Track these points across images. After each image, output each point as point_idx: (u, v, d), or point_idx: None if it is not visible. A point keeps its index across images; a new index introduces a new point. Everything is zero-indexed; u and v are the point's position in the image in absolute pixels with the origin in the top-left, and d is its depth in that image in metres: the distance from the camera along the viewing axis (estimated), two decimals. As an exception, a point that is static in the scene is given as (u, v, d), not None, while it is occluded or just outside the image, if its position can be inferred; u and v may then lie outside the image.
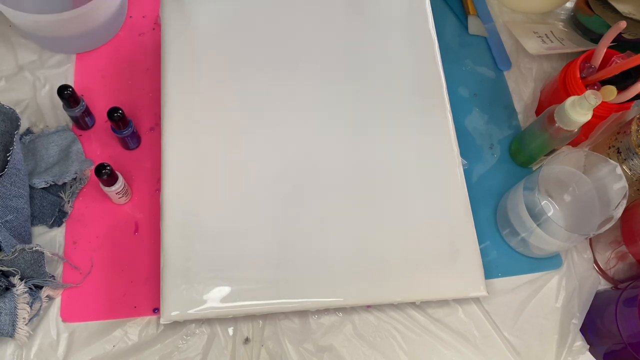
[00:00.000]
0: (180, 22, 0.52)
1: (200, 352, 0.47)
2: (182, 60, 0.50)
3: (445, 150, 0.50)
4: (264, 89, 0.51)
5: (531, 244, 0.50)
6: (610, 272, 0.53)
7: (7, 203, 0.46)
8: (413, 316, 0.50)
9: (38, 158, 0.51)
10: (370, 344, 0.48)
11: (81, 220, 0.50)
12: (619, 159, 0.52)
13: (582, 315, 0.51)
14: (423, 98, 0.52)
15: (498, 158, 0.57)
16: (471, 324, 0.50)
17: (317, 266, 0.45)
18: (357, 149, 0.49)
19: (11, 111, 0.48)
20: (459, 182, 0.49)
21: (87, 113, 0.52)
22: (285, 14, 0.54)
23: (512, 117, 0.59)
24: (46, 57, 0.57)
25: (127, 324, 0.47)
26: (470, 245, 0.48)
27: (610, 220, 0.45)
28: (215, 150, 0.48)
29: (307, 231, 0.46)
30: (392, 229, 0.47)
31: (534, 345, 0.50)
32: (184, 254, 0.44)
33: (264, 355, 0.47)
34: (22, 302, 0.44)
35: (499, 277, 0.52)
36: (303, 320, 0.49)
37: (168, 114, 0.48)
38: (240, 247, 0.45)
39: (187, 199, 0.46)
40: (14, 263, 0.44)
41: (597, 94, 0.45)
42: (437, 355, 0.49)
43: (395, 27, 0.55)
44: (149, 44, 0.58)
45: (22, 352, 0.45)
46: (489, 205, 0.55)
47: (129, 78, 0.56)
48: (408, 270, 0.46)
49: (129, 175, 0.52)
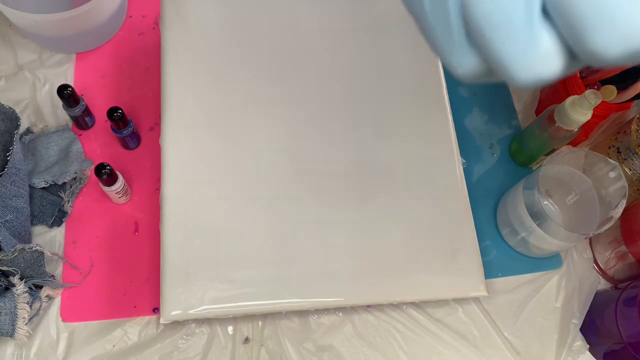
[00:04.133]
0: (180, 22, 0.52)
1: (200, 351, 0.47)
2: (182, 60, 0.50)
3: (445, 150, 0.50)
4: (264, 89, 0.51)
5: (531, 243, 0.50)
6: (610, 272, 0.53)
7: (6, 203, 0.46)
8: (413, 316, 0.50)
9: (38, 158, 0.51)
10: (370, 344, 0.48)
11: (81, 220, 0.50)
12: (619, 159, 0.52)
13: (582, 315, 0.51)
14: (423, 98, 0.52)
15: (498, 158, 0.57)
16: (471, 324, 0.50)
17: (317, 266, 0.45)
18: (357, 148, 0.49)
19: (11, 111, 0.48)
20: (459, 182, 0.49)
21: (87, 113, 0.52)
22: (285, 13, 0.53)
23: (512, 116, 0.59)
24: (46, 57, 0.57)
25: (127, 324, 0.47)
26: (470, 245, 0.48)
27: (610, 220, 0.45)
28: (216, 149, 0.48)
29: (307, 231, 0.46)
30: (392, 229, 0.47)
31: (534, 345, 0.50)
32: (184, 253, 0.44)
33: (264, 355, 0.47)
34: (22, 301, 0.44)
35: (499, 277, 0.52)
36: (303, 320, 0.49)
37: (168, 114, 0.48)
38: (241, 247, 0.45)
39: (187, 198, 0.46)
40: (14, 263, 0.44)
41: (597, 93, 0.45)
42: (437, 355, 0.49)
43: (395, 27, 0.55)
44: (149, 43, 0.58)
45: (21, 351, 0.45)
46: (489, 205, 0.55)
47: (128, 78, 0.56)
48: (408, 270, 0.46)
49: (129, 175, 0.52)
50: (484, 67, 0.21)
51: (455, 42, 0.21)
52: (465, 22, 0.20)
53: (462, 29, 0.21)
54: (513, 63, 0.19)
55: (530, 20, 0.19)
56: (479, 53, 0.21)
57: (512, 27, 0.19)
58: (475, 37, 0.20)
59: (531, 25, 0.19)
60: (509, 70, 0.20)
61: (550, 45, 0.19)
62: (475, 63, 0.21)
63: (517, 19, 0.19)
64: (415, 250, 0.47)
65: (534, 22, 0.19)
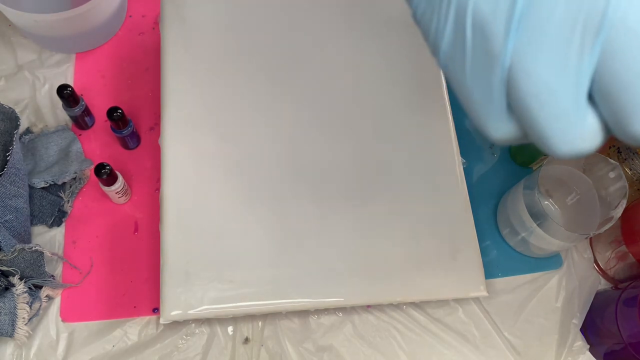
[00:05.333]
0: (180, 22, 0.52)
1: (200, 351, 0.47)
2: (182, 60, 0.50)
3: (445, 150, 0.50)
4: (265, 89, 0.50)
5: (531, 243, 0.50)
6: (611, 272, 0.53)
7: (6, 202, 0.46)
8: (413, 316, 0.49)
9: (37, 157, 0.51)
10: (370, 344, 0.48)
11: (81, 220, 0.50)
12: (619, 159, 0.52)
13: (582, 315, 0.51)
14: (423, 98, 0.52)
15: (498, 158, 0.57)
16: (471, 324, 0.50)
17: (317, 266, 0.45)
18: (357, 148, 0.49)
19: (11, 110, 0.48)
20: (459, 182, 0.49)
21: (86, 112, 0.52)
22: (286, 13, 0.53)
23: (512, 116, 0.59)
24: (46, 57, 0.56)
25: (126, 324, 0.47)
26: (470, 245, 0.48)
27: (610, 220, 0.45)
28: (216, 149, 0.48)
29: (307, 231, 0.46)
30: (392, 229, 0.47)
31: (534, 345, 0.50)
32: (184, 253, 0.44)
33: (264, 355, 0.47)
34: (21, 301, 0.44)
35: (499, 277, 0.52)
36: (303, 320, 0.49)
37: (168, 114, 0.48)
38: (241, 247, 0.45)
39: (187, 198, 0.46)
40: (14, 263, 0.44)
41: (597, 93, 0.45)
42: (437, 355, 0.49)
43: (395, 26, 0.55)
44: (149, 43, 0.58)
45: (21, 351, 0.45)
46: (489, 205, 0.55)
47: (128, 78, 0.56)
48: (408, 270, 0.46)
49: (129, 175, 0.52)
50: (521, 134, 0.22)
51: (494, 110, 0.21)
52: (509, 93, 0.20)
53: (503, 99, 0.21)
54: (556, 139, 0.20)
55: (577, 103, 0.19)
56: (518, 122, 0.21)
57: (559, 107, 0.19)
58: (518, 109, 0.20)
59: (578, 107, 0.19)
60: (550, 144, 0.20)
61: (593, 126, 0.20)
62: (514, 131, 0.22)
63: (565, 100, 0.19)
64: (415, 250, 0.47)
65: (580, 104, 0.19)
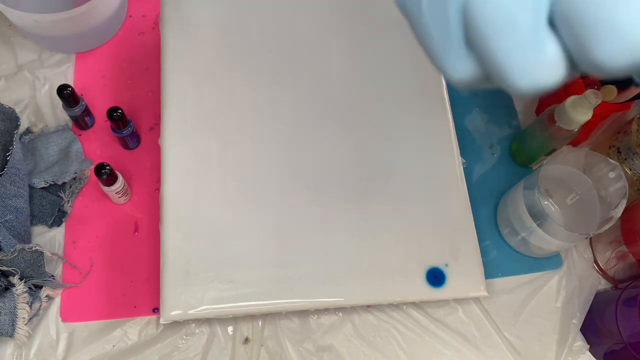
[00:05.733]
0: (180, 22, 0.52)
1: (200, 351, 0.47)
2: (182, 60, 0.50)
3: (445, 150, 0.50)
4: (264, 89, 0.50)
5: (531, 243, 0.50)
6: (610, 272, 0.53)
7: (6, 202, 0.46)
8: (413, 316, 0.49)
9: (37, 157, 0.51)
10: (370, 344, 0.48)
11: (81, 220, 0.50)
12: (619, 159, 0.52)
13: (582, 315, 0.51)
14: (423, 98, 0.52)
15: (498, 158, 0.57)
16: (471, 324, 0.50)
17: (317, 266, 0.45)
18: (357, 148, 0.49)
19: (11, 110, 0.48)
20: (459, 182, 0.49)
21: (86, 113, 0.52)
22: (285, 14, 0.53)
23: (513, 116, 0.59)
24: (46, 57, 0.56)
25: (126, 324, 0.47)
26: (470, 245, 0.48)
27: (610, 220, 0.45)
28: (215, 149, 0.48)
29: (307, 231, 0.46)
30: (392, 229, 0.47)
31: (534, 345, 0.50)
32: (184, 253, 0.44)
33: (264, 355, 0.47)
34: (21, 301, 0.44)
35: (499, 277, 0.52)
36: (303, 320, 0.49)
37: (168, 114, 0.48)
38: (240, 247, 0.45)
39: (186, 198, 0.46)
40: (14, 263, 0.44)
41: (597, 93, 0.45)
42: (437, 355, 0.49)
43: (395, 27, 0.54)
44: (149, 43, 0.58)
45: (21, 351, 0.45)
46: (489, 205, 0.55)
47: (128, 78, 0.56)
48: (408, 270, 0.46)
49: (129, 175, 0.52)
50: (481, 73, 0.21)
51: (452, 46, 0.20)
52: (466, 25, 0.19)
53: (461, 33, 0.20)
54: (514, 70, 0.19)
55: (536, 27, 0.18)
56: (477, 58, 0.20)
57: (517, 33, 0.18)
58: (475, 41, 0.19)
59: (537, 32, 0.18)
60: (509, 77, 0.19)
61: (554, 54, 0.19)
62: (473, 69, 0.21)
63: (523, 25, 0.18)
64: (416, 250, 0.47)
65: (539, 30, 0.18)
